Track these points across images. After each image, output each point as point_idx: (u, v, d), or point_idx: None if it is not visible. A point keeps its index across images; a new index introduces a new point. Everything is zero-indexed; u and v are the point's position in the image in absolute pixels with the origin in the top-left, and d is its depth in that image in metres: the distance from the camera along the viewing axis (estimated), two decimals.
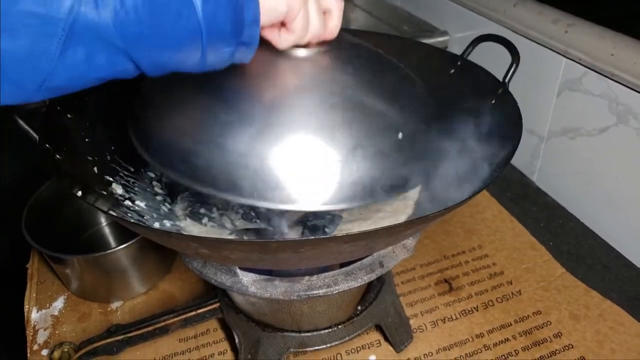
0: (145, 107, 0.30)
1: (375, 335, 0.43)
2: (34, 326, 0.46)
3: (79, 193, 0.27)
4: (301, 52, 0.28)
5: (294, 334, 0.38)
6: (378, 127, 0.27)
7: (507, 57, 0.34)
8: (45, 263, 0.51)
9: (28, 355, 0.43)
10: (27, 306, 0.48)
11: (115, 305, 0.48)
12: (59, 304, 0.48)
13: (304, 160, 0.25)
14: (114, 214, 0.28)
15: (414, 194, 0.36)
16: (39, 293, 0.49)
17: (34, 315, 0.47)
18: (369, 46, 0.33)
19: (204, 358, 0.42)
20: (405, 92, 0.31)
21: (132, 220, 0.29)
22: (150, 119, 0.29)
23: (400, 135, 0.27)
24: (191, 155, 0.25)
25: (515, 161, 0.63)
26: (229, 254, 0.24)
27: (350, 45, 0.31)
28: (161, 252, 0.49)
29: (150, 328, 0.42)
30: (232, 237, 0.31)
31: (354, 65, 0.29)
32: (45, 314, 0.47)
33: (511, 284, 0.48)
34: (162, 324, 0.42)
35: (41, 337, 0.45)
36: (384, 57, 0.33)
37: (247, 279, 0.32)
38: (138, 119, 0.30)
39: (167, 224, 0.34)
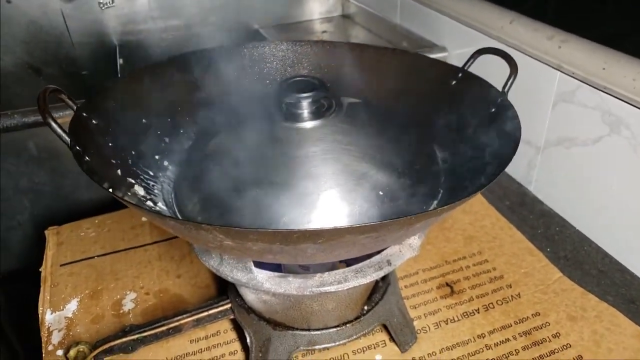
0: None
1: (381, 336, 0.45)
2: (48, 327, 0.47)
3: (110, 189, 0.29)
4: (308, 124, 0.35)
5: (303, 332, 0.39)
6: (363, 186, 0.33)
7: (504, 72, 0.37)
8: (59, 267, 0.53)
9: (43, 355, 0.44)
10: (41, 308, 0.49)
11: (127, 307, 0.49)
12: (72, 306, 0.50)
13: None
14: (144, 207, 0.30)
15: None
16: (53, 296, 0.51)
17: (48, 316, 0.48)
18: (365, 107, 0.40)
19: (215, 358, 0.44)
20: (393, 148, 0.37)
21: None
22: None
23: (380, 192, 0.33)
24: None
25: (513, 171, 0.66)
26: (252, 245, 0.25)
27: (348, 109, 0.38)
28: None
29: (164, 328, 0.43)
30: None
31: (351, 134, 0.36)
32: (59, 316, 0.48)
33: (510, 287, 0.50)
34: (175, 323, 0.43)
35: (55, 338, 0.46)
36: (377, 113, 0.40)
37: (262, 275, 0.34)
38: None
39: None
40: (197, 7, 0.98)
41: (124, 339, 0.42)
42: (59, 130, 0.30)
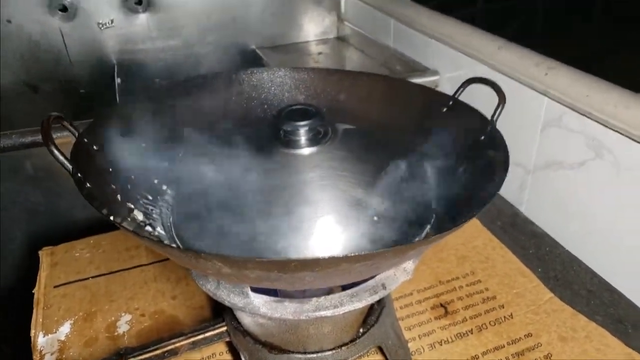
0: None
1: (375, 358, 0.45)
2: (41, 351, 0.47)
3: (111, 217, 0.29)
4: (305, 151, 0.36)
5: (299, 355, 0.40)
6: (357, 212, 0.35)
7: (494, 96, 0.38)
8: (52, 288, 0.53)
9: None
10: (33, 331, 0.49)
11: (122, 329, 0.49)
12: (65, 328, 0.49)
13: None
14: (145, 235, 0.30)
15: None
16: (45, 318, 0.50)
17: (40, 339, 0.48)
18: (360, 134, 0.41)
19: None
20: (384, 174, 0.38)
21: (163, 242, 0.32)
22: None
23: (375, 218, 0.34)
24: None
25: (505, 193, 0.67)
26: (249, 273, 0.26)
27: (343, 135, 0.39)
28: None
29: (159, 351, 0.43)
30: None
31: (347, 160, 0.37)
32: (52, 339, 0.48)
33: (503, 307, 0.50)
34: (171, 346, 0.43)
35: None
36: (371, 139, 0.41)
37: (258, 300, 0.35)
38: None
39: None
40: (195, 27, 0.99)
41: None
42: (61, 157, 0.30)
